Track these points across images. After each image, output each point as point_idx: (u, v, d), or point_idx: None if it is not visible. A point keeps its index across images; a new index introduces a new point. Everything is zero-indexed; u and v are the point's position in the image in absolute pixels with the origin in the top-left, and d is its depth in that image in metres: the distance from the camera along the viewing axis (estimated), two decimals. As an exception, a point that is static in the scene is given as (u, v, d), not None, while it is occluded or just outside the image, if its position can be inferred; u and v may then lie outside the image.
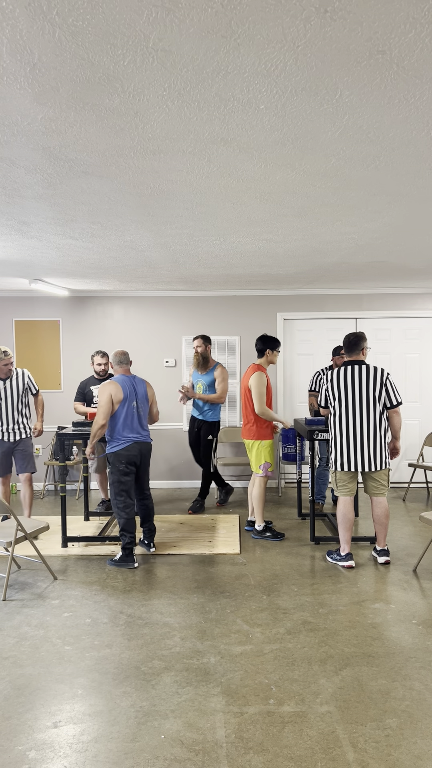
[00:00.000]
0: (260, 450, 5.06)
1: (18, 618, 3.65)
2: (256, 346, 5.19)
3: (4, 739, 2.52)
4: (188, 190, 2.55)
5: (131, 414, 4.53)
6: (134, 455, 4.52)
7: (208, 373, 5.88)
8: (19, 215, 2.99)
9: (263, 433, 5.06)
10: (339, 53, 1.37)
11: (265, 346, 5.15)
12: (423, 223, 3.27)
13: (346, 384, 4.42)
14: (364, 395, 4.38)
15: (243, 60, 1.40)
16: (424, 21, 1.25)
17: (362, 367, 4.41)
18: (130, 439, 4.51)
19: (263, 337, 5.17)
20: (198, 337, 5.88)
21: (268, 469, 5.06)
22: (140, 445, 4.56)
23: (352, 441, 4.40)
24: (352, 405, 4.39)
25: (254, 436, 5.07)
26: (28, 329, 7.00)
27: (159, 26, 1.26)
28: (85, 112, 1.71)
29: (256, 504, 5.11)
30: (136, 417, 4.55)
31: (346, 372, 4.44)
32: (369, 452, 4.37)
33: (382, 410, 4.40)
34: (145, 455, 4.63)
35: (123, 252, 4.10)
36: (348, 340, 4.53)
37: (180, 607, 3.77)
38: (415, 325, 7.00)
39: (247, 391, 5.10)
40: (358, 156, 2.13)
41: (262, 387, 4.98)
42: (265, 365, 5.17)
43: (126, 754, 2.42)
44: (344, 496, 4.50)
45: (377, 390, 4.37)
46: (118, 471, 4.48)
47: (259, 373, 5.01)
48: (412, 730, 2.55)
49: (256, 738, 2.51)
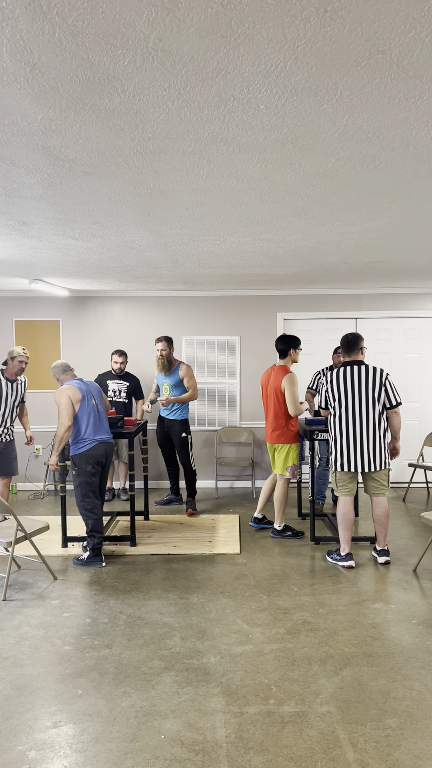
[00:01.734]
0: (290, 453, 5.05)
1: (18, 618, 3.65)
2: (276, 347, 5.13)
3: (4, 739, 2.52)
4: (188, 190, 2.55)
5: (94, 413, 4.55)
6: (101, 455, 4.54)
7: (172, 373, 5.90)
8: (19, 215, 2.99)
9: (294, 436, 5.05)
10: (339, 53, 1.37)
11: (287, 346, 5.09)
12: (423, 223, 3.27)
13: (345, 385, 4.42)
14: (364, 396, 4.37)
15: (243, 60, 1.40)
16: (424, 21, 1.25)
17: (362, 368, 4.41)
18: (96, 440, 4.53)
19: (284, 337, 5.10)
20: (162, 339, 5.87)
21: (294, 471, 5.06)
22: (106, 445, 4.59)
23: (351, 441, 4.40)
24: (352, 406, 4.39)
25: (285, 440, 5.03)
26: (28, 329, 7.01)
27: (159, 26, 1.26)
28: (85, 112, 1.71)
29: (278, 505, 5.09)
30: (97, 415, 4.58)
31: (346, 372, 4.43)
32: (369, 453, 4.37)
33: (382, 411, 4.39)
34: (110, 455, 4.66)
35: (123, 252, 4.10)
36: (346, 340, 4.53)
37: (180, 607, 3.77)
38: (415, 325, 7.00)
39: (278, 394, 5.01)
40: (358, 156, 2.12)
41: (295, 388, 4.93)
42: (289, 365, 5.13)
43: (126, 754, 2.42)
44: (344, 496, 4.50)
45: (377, 390, 4.36)
46: (86, 472, 4.49)
47: (291, 374, 4.96)
48: (412, 730, 2.55)
49: (256, 738, 2.51)
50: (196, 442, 7.04)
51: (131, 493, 4.92)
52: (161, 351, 5.85)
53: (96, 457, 4.50)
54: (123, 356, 6.30)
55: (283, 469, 5.06)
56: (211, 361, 7.01)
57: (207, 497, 6.60)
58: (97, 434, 4.53)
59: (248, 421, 7.05)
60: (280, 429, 5.04)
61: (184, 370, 5.88)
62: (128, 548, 4.87)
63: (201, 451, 7.07)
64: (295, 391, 4.93)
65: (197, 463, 7.04)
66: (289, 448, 5.04)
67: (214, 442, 7.00)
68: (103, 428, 4.61)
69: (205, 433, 7.05)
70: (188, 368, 5.90)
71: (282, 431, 5.03)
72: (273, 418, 5.07)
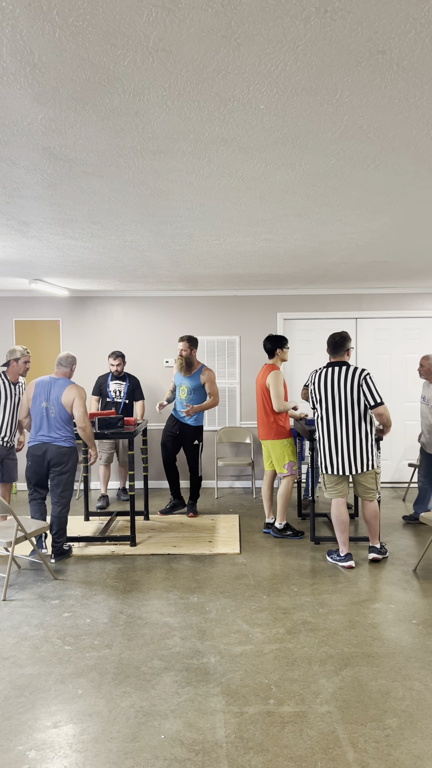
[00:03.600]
0: (284, 449, 5.05)
1: (18, 618, 3.65)
2: (264, 347, 5.17)
3: (4, 739, 2.52)
4: (188, 190, 2.55)
5: (39, 414, 4.64)
6: (38, 455, 4.59)
7: (193, 376, 5.71)
8: (19, 215, 2.99)
9: (284, 432, 5.05)
10: (339, 53, 1.37)
11: (274, 346, 5.13)
12: (423, 223, 3.27)
13: (326, 386, 4.40)
14: (343, 397, 4.33)
15: (243, 60, 1.40)
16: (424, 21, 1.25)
17: (341, 369, 4.38)
18: (37, 439, 4.62)
19: (270, 337, 5.15)
20: (184, 339, 5.67)
21: (292, 468, 5.06)
22: (47, 446, 4.59)
23: (333, 444, 4.38)
24: (332, 407, 4.37)
25: (275, 435, 5.05)
26: (28, 329, 7.01)
27: (159, 26, 1.26)
28: (85, 112, 1.71)
29: (281, 503, 5.07)
30: (45, 418, 4.61)
31: (327, 374, 4.41)
32: (350, 455, 4.35)
33: (365, 412, 4.35)
34: (52, 458, 4.59)
35: (123, 252, 4.10)
36: (333, 341, 4.50)
37: (180, 607, 3.77)
38: (415, 325, 7.00)
39: (264, 391, 5.07)
40: (358, 156, 2.12)
41: (279, 385, 4.95)
42: (278, 364, 5.16)
43: (126, 754, 2.42)
44: (335, 498, 4.50)
45: (355, 391, 4.31)
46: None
47: (276, 371, 5.00)
48: (412, 730, 2.55)
49: (256, 738, 2.51)
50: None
51: (131, 493, 4.92)
52: (182, 351, 5.66)
53: (33, 456, 4.62)
54: (119, 358, 6.18)
55: (281, 466, 5.06)
56: (211, 361, 7.01)
57: (207, 497, 6.60)
58: (38, 433, 4.64)
59: (248, 421, 7.06)
60: (268, 425, 5.07)
61: (207, 375, 5.68)
62: (128, 548, 4.87)
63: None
64: (279, 387, 4.95)
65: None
66: (282, 444, 5.05)
67: (214, 442, 7.00)
68: (48, 430, 4.62)
69: (205, 433, 7.05)
70: (210, 373, 5.69)
71: (270, 427, 5.06)
72: (262, 414, 5.12)
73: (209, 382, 5.69)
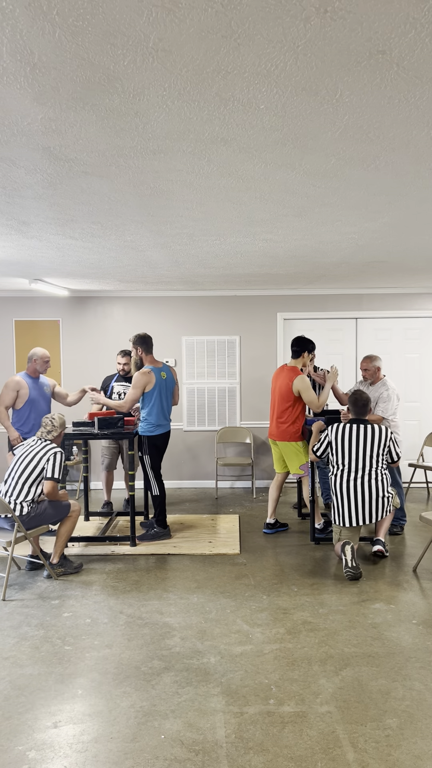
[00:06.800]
0: (300, 451, 5.08)
1: (18, 618, 3.65)
2: (292, 346, 5.21)
3: (4, 739, 2.52)
4: (188, 190, 2.55)
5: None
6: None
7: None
8: (19, 215, 2.99)
9: (298, 435, 5.10)
10: (339, 53, 1.37)
11: (301, 348, 5.17)
12: (423, 223, 3.27)
13: (350, 442, 4.42)
14: (368, 455, 4.40)
15: (243, 60, 1.40)
16: (424, 21, 1.25)
17: (367, 428, 4.43)
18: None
19: (301, 338, 5.19)
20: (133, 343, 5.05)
21: (308, 468, 5.07)
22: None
23: (353, 498, 4.40)
24: (355, 463, 4.40)
25: (289, 437, 5.08)
26: (28, 329, 7.00)
27: (159, 26, 1.26)
28: (85, 112, 1.71)
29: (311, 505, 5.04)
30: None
31: (351, 430, 4.44)
32: (370, 507, 4.39)
33: (384, 465, 4.47)
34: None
35: (123, 252, 4.10)
36: (360, 402, 4.50)
37: (180, 607, 3.77)
38: (415, 325, 7.00)
39: (282, 392, 5.08)
40: (358, 156, 2.12)
41: (309, 389, 4.99)
42: (299, 366, 5.18)
43: (126, 754, 2.42)
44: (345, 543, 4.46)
45: (381, 450, 4.41)
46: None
47: (301, 376, 5.01)
48: (412, 730, 2.55)
49: (256, 738, 2.51)
50: (196, 442, 7.04)
51: (131, 493, 4.92)
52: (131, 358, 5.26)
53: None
54: (127, 356, 5.96)
55: (297, 467, 5.08)
56: (211, 361, 7.01)
57: (207, 497, 6.60)
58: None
59: (248, 421, 7.05)
60: (287, 425, 5.09)
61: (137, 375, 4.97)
62: (128, 548, 4.87)
63: (201, 450, 7.07)
64: (310, 392, 4.99)
65: (197, 464, 7.04)
66: (296, 447, 5.07)
67: (214, 442, 7.00)
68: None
69: (205, 433, 7.05)
70: (141, 376, 4.94)
71: (289, 427, 5.08)
72: (278, 415, 5.11)
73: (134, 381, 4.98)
